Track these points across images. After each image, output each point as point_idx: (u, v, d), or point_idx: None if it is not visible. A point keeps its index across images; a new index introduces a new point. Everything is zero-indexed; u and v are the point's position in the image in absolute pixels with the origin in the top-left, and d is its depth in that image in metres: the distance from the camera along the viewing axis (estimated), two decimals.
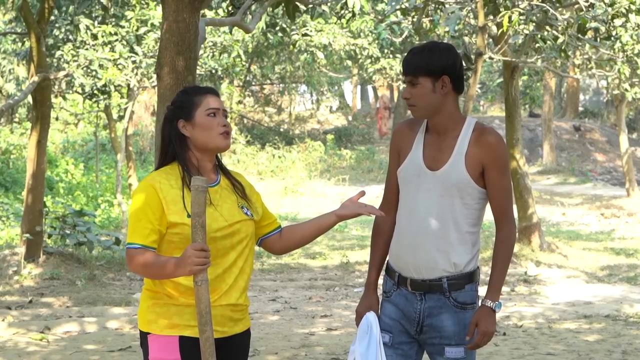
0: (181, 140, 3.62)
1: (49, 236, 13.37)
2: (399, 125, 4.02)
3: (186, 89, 3.74)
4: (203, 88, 3.71)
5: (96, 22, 16.94)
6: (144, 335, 3.59)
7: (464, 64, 4.30)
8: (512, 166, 14.19)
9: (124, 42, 16.91)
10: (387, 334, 3.91)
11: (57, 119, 27.89)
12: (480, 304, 3.85)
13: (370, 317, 3.93)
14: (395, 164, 3.97)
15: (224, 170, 3.76)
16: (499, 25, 12.44)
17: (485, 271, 7.55)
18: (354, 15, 12.07)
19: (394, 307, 3.92)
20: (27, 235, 12.07)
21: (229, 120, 3.72)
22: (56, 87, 18.90)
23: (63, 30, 17.21)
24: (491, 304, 3.81)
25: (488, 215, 3.97)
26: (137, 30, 16.83)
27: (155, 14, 16.62)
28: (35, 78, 12.06)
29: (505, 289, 11.83)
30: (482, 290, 3.83)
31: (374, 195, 24.77)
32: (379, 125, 37.73)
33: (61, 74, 14.55)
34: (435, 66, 3.75)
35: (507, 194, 3.84)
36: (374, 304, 3.99)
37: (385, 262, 4.05)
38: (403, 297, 3.90)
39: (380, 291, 4.04)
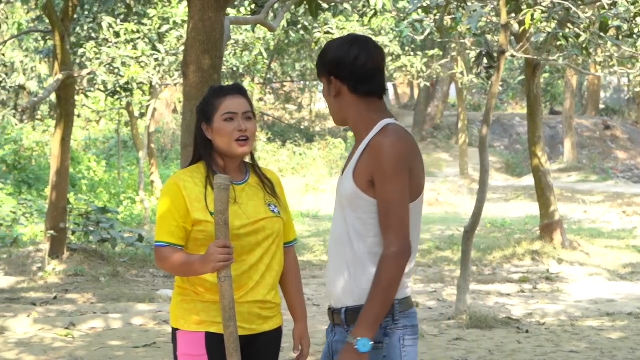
0: (205, 142, 3.62)
1: (73, 233, 13.46)
2: None
3: (211, 89, 3.68)
4: (224, 89, 3.64)
5: (119, 20, 17.03)
6: (174, 331, 3.63)
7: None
8: (534, 164, 14.20)
9: (146, 40, 17.00)
10: None
11: (79, 116, 28.06)
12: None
13: None
14: None
15: (255, 168, 3.74)
16: (521, 23, 12.42)
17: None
18: (376, 13, 12.07)
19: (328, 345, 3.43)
20: (51, 232, 12.16)
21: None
22: (78, 84, 19.01)
23: (86, 28, 17.31)
24: (353, 341, 3.08)
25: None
26: (159, 28, 16.91)
27: (177, 11, 16.70)
28: (60, 76, 12.12)
29: (527, 286, 11.81)
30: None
31: None
32: None
33: (85, 72, 14.62)
34: (319, 65, 3.31)
35: (389, 206, 3.11)
36: None
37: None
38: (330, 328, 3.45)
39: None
